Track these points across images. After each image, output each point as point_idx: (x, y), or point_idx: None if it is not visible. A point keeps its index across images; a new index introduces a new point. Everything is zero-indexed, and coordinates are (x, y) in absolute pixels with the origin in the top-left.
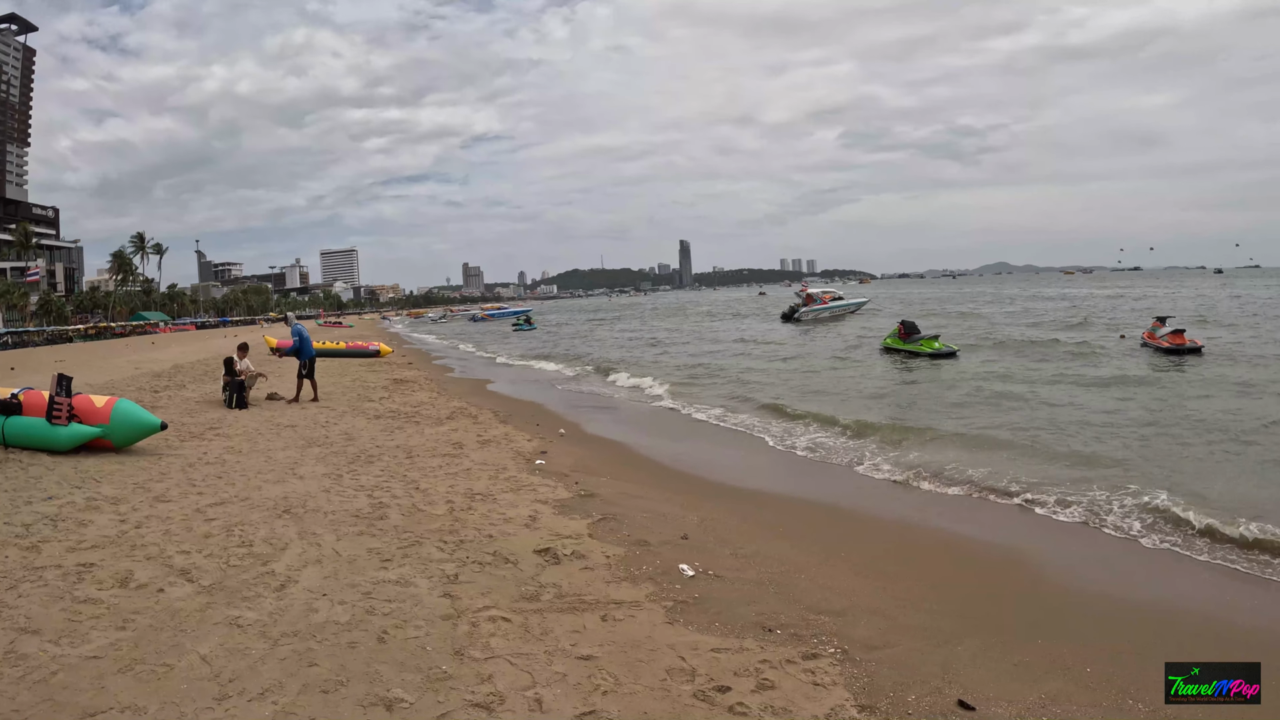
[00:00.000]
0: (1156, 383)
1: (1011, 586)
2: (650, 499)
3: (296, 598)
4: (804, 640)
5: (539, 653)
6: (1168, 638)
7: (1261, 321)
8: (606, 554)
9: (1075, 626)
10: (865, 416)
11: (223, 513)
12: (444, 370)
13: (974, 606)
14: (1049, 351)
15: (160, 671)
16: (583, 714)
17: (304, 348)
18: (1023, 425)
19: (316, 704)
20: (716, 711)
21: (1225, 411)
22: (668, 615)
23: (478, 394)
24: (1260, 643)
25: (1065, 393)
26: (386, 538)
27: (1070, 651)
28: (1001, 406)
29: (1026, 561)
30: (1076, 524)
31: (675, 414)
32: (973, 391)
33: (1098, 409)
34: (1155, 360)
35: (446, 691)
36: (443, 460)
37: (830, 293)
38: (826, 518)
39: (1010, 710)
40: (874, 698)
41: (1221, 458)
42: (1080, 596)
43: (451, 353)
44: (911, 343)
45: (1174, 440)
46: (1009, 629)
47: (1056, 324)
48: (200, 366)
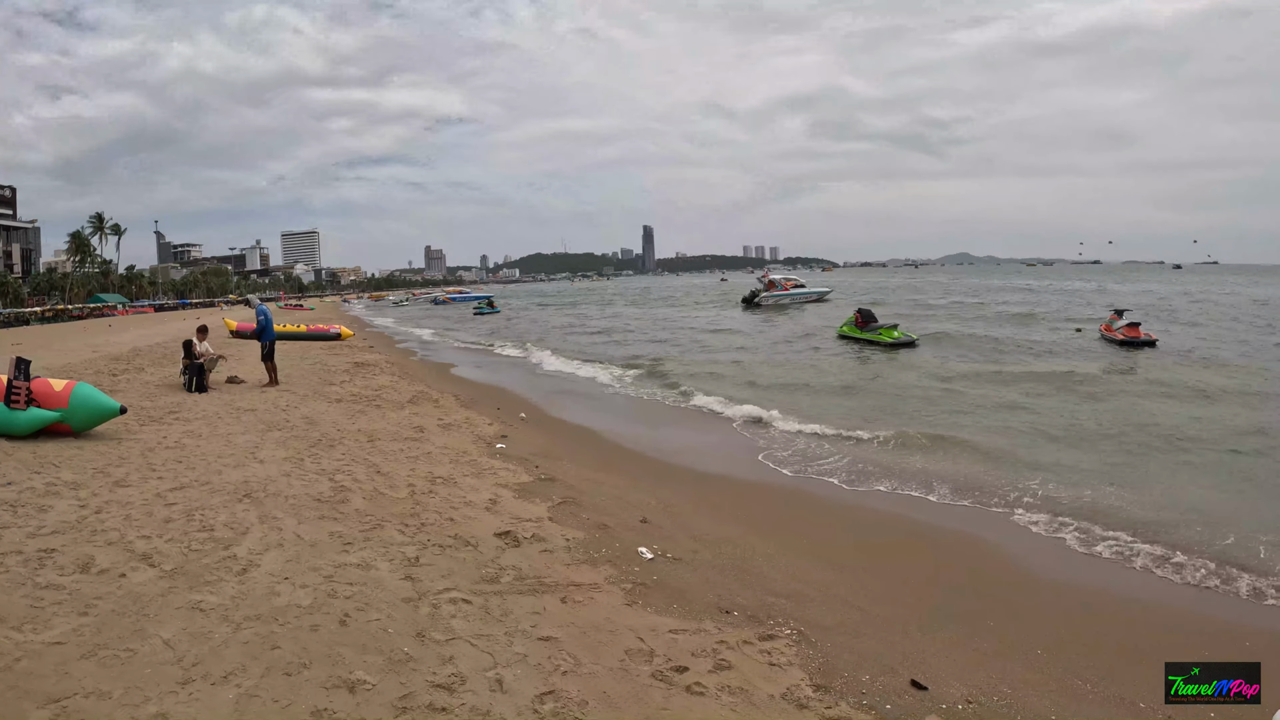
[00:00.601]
0: (1107, 382)
1: (965, 574)
2: (610, 483)
3: (258, 581)
4: (761, 622)
5: (499, 634)
6: (1112, 624)
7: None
8: (566, 537)
9: (1026, 612)
10: (821, 407)
11: (183, 497)
12: (406, 354)
13: (928, 591)
14: (1007, 345)
15: (124, 656)
16: (543, 694)
17: (266, 330)
18: (978, 420)
19: (279, 686)
20: (674, 691)
21: (1179, 416)
22: (627, 597)
23: (439, 378)
24: (1200, 630)
25: (1020, 390)
26: (348, 521)
27: (1021, 635)
28: (956, 402)
29: (979, 550)
30: (1028, 518)
31: (636, 400)
32: (929, 384)
33: (1052, 407)
34: (1109, 353)
35: (408, 673)
36: (404, 444)
37: (792, 280)
38: (785, 503)
39: (962, 690)
40: (829, 678)
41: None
42: (1031, 584)
43: (413, 336)
44: (870, 331)
45: (1121, 445)
46: (962, 613)
47: (1014, 318)
48: (159, 349)
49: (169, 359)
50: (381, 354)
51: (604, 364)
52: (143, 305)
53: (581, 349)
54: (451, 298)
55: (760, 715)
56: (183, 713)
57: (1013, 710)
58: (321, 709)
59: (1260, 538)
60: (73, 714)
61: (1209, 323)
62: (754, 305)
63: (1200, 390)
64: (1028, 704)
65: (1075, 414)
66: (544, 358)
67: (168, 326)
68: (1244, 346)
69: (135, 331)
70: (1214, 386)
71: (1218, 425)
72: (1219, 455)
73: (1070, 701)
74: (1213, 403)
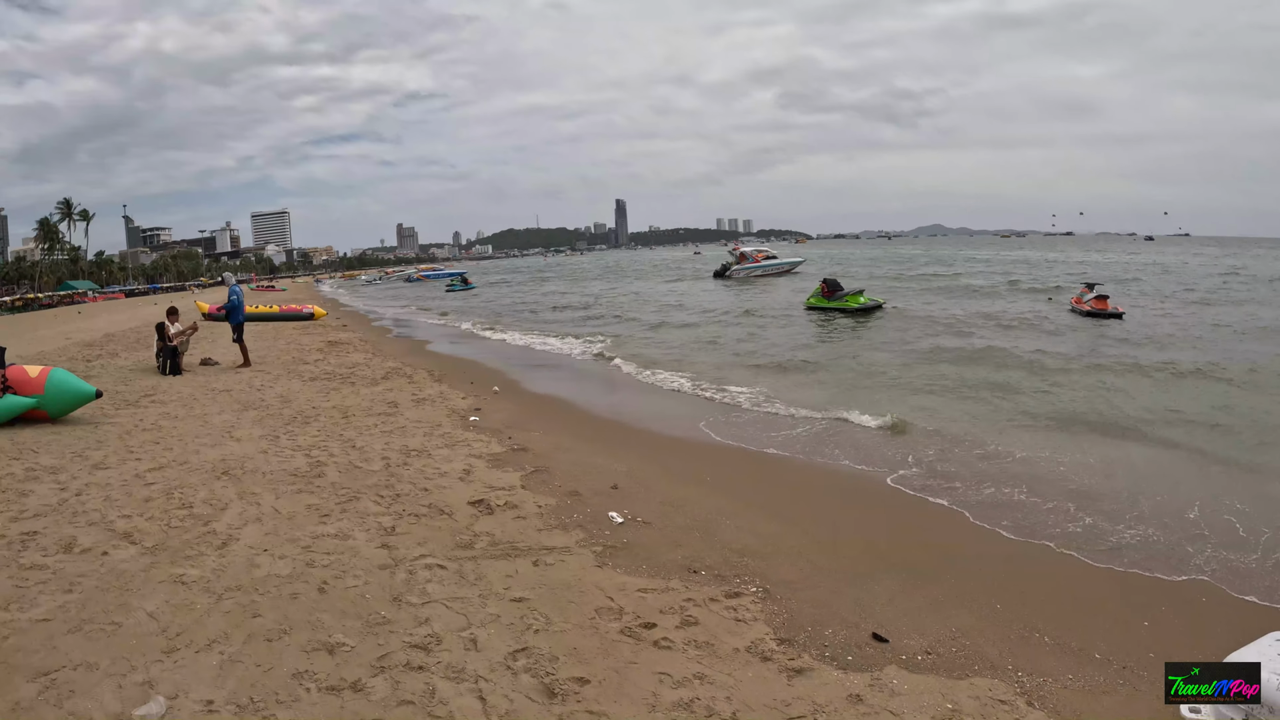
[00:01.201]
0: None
1: (928, 531)
2: (582, 451)
3: (238, 554)
4: (727, 580)
5: (473, 596)
6: (1070, 581)
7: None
8: (539, 504)
9: (987, 568)
10: (790, 373)
11: (162, 477)
12: (379, 332)
13: (892, 549)
14: (976, 312)
15: (109, 629)
16: (515, 651)
17: (236, 311)
18: (942, 383)
19: (261, 652)
20: (642, 646)
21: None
22: (597, 559)
23: (413, 354)
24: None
25: (990, 354)
26: (324, 494)
27: (981, 590)
28: (925, 365)
29: (941, 508)
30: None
31: (607, 371)
32: (885, 355)
33: (1020, 369)
34: (1077, 323)
35: (386, 635)
36: (378, 419)
37: (763, 252)
38: (752, 467)
39: (922, 642)
40: (792, 631)
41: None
42: (993, 541)
43: (387, 314)
44: (836, 300)
45: (1061, 412)
46: (924, 569)
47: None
48: (132, 334)
49: (142, 343)
50: (355, 332)
51: (577, 338)
52: (114, 291)
53: (554, 324)
54: (426, 275)
55: (725, 667)
56: (168, 679)
57: (970, 660)
58: (302, 671)
59: (1199, 503)
60: (62, 685)
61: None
62: (726, 277)
63: (1149, 366)
64: (985, 654)
65: (1024, 381)
66: (516, 334)
67: (139, 312)
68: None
69: (107, 318)
70: (1171, 362)
71: (1174, 397)
72: (1168, 428)
73: (1028, 652)
74: (1174, 378)
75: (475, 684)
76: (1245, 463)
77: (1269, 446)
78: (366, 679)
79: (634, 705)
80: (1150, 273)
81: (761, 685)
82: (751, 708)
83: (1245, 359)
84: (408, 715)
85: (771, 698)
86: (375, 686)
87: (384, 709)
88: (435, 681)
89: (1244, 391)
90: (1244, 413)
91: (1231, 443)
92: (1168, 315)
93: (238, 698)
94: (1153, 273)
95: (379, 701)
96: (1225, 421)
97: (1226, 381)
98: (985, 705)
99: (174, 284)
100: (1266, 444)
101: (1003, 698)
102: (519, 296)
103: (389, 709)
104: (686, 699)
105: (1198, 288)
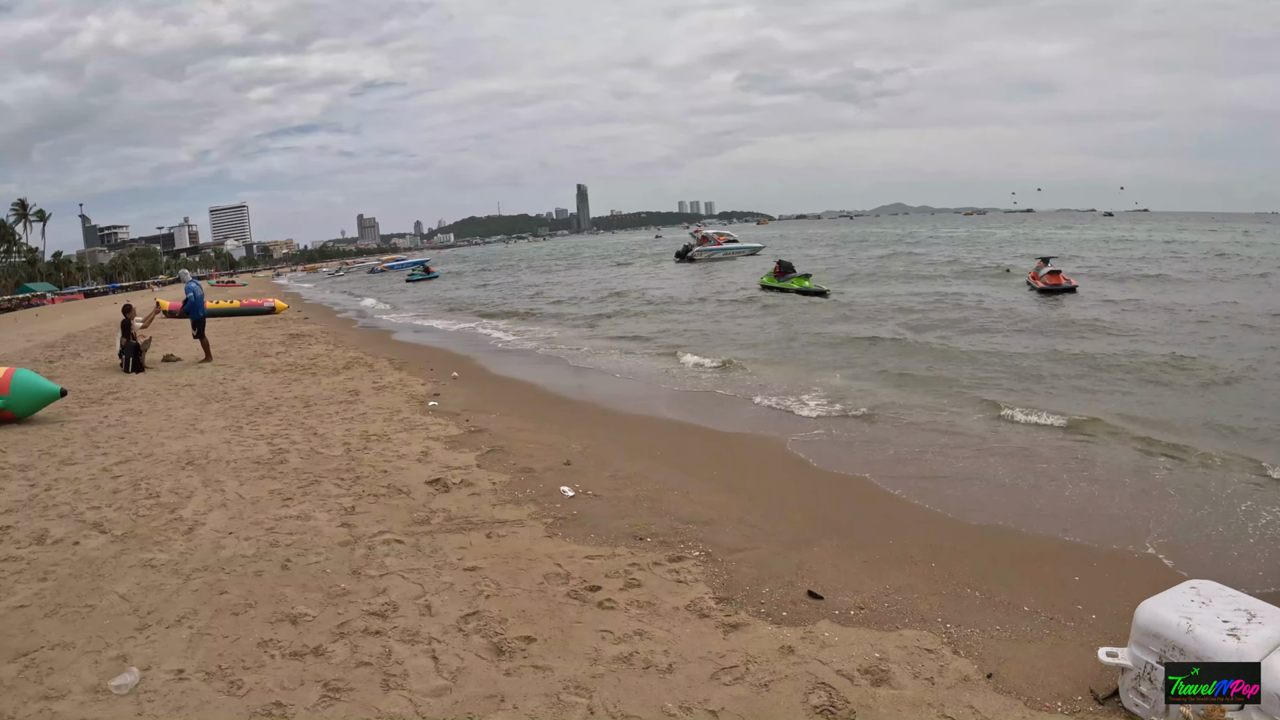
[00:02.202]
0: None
1: (866, 497)
2: (537, 431)
3: (204, 538)
4: (672, 546)
5: (429, 567)
6: (1006, 544)
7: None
8: (493, 481)
9: (923, 529)
10: (734, 351)
11: (128, 470)
12: (340, 323)
13: (831, 514)
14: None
15: (84, 612)
16: (467, 615)
17: (195, 307)
18: (881, 355)
19: (228, 625)
20: (587, 607)
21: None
22: (547, 530)
23: (374, 344)
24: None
25: (932, 331)
26: (287, 479)
27: (918, 550)
28: (867, 341)
29: (879, 474)
30: (924, 437)
31: (563, 356)
32: (838, 327)
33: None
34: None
35: (345, 605)
36: (339, 407)
37: (725, 235)
38: (700, 441)
39: (856, 599)
40: (731, 591)
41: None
42: (937, 509)
43: (349, 306)
44: (785, 280)
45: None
46: (861, 532)
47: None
48: (94, 334)
49: (104, 343)
50: (317, 325)
51: (537, 321)
52: (73, 292)
53: (513, 309)
54: (389, 266)
55: (664, 624)
56: (141, 653)
57: (901, 614)
58: (267, 639)
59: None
60: (41, 664)
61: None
62: (687, 260)
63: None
64: (916, 609)
65: (953, 343)
66: (477, 321)
67: (99, 311)
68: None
69: (68, 319)
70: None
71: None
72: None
73: (958, 607)
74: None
75: (429, 645)
76: (1175, 426)
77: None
78: (327, 644)
79: (577, 660)
80: (1105, 249)
81: (698, 639)
82: (687, 660)
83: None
84: (366, 675)
85: (707, 650)
86: (335, 651)
87: (344, 670)
88: (391, 644)
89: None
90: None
91: (1162, 409)
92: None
93: (206, 666)
94: (1109, 249)
95: (339, 664)
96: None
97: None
98: (912, 654)
99: (133, 283)
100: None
101: (929, 647)
102: (479, 282)
103: (348, 670)
104: (626, 653)
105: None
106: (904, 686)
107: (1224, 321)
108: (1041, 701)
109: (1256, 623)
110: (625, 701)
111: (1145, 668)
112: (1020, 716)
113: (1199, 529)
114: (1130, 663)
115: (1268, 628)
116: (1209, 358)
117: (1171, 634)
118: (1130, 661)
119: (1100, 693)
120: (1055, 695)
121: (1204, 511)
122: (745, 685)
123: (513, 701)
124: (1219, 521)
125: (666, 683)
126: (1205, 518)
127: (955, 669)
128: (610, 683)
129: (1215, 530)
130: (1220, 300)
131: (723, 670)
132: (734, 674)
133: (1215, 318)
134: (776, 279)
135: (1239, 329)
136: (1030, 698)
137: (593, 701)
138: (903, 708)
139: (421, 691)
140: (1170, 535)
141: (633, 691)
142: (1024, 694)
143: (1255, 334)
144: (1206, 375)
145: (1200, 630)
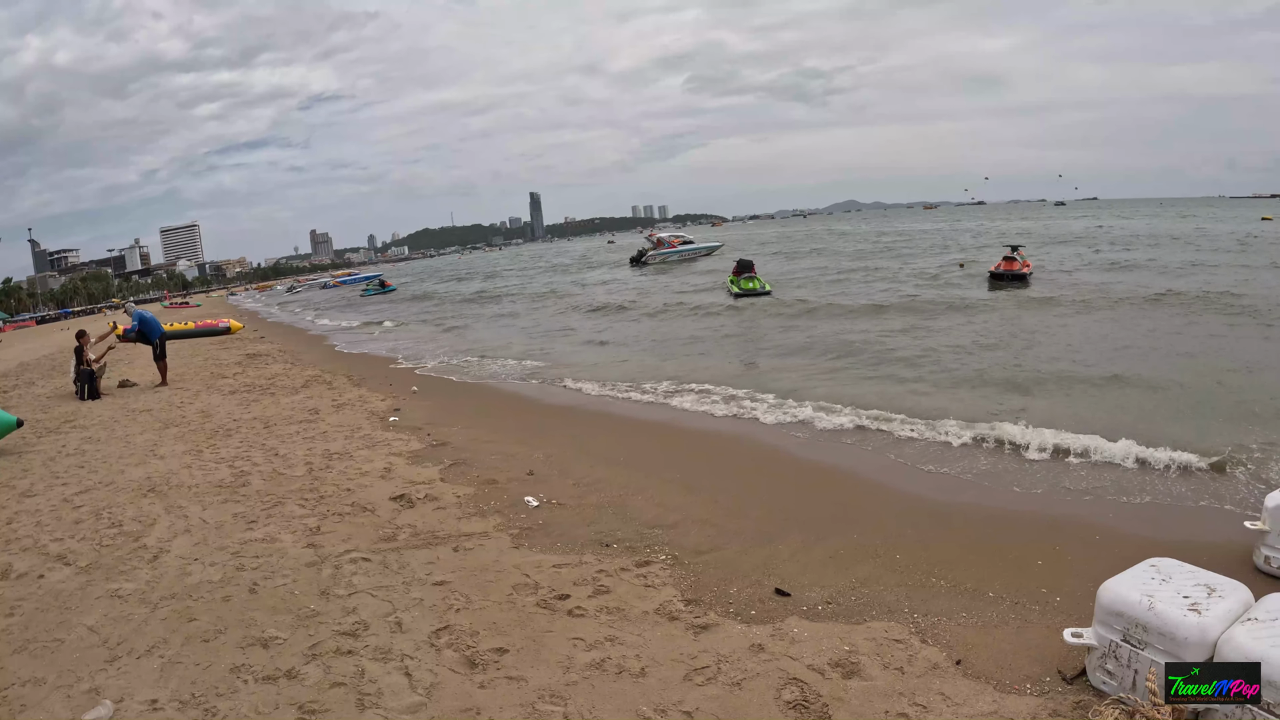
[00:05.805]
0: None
1: (829, 492)
2: (499, 442)
3: (170, 565)
4: (638, 551)
5: (397, 584)
6: (966, 525)
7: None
8: (457, 494)
9: (890, 524)
10: (691, 354)
11: (89, 499)
12: (298, 341)
13: (795, 511)
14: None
15: (52, 646)
16: (438, 630)
17: (150, 329)
18: (835, 352)
19: (199, 652)
20: (557, 616)
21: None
22: (514, 541)
23: (331, 360)
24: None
25: (876, 323)
26: (250, 502)
27: (882, 543)
28: (824, 337)
29: (842, 469)
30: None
31: (522, 366)
32: (788, 326)
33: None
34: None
35: (316, 626)
36: (300, 426)
37: (679, 237)
38: (662, 445)
39: (823, 594)
40: (699, 593)
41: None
42: (894, 495)
43: (304, 323)
44: (740, 279)
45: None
46: (825, 528)
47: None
48: (47, 362)
49: (58, 370)
50: (274, 344)
51: (490, 325)
52: (24, 319)
53: (468, 321)
54: (341, 280)
55: (635, 629)
56: (114, 685)
57: (869, 607)
58: (239, 665)
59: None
60: (13, 701)
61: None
62: (641, 264)
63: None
64: (883, 600)
65: (900, 337)
66: (436, 332)
67: (52, 339)
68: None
69: (20, 347)
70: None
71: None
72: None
73: (925, 596)
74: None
75: (401, 662)
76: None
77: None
78: (300, 666)
79: (550, 668)
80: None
81: (669, 642)
82: (660, 662)
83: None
84: (340, 695)
85: (679, 652)
86: (308, 673)
87: (318, 691)
88: (364, 663)
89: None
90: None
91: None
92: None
93: (180, 695)
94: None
95: (313, 686)
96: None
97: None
98: (881, 645)
99: (85, 307)
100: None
101: (898, 637)
102: (435, 295)
103: (322, 691)
104: (599, 659)
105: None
106: (874, 678)
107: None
108: (1011, 684)
109: (1217, 596)
110: (600, 707)
111: (1110, 645)
112: (990, 700)
113: (1153, 508)
114: (1095, 642)
115: (1228, 600)
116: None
117: (1134, 611)
118: (1095, 641)
119: (1068, 672)
120: (1024, 678)
121: (1157, 491)
122: (718, 685)
123: (488, 713)
124: (1171, 500)
125: (640, 686)
126: (1158, 497)
127: (924, 657)
128: (584, 690)
129: (1168, 509)
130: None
131: (695, 671)
132: (706, 674)
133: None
134: (733, 277)
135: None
136: (999, 681)
137: (568, 709)
138: (874, 698)
139: (397, 709)
140: (1125, 515)
141: (607, 697)
142: (993, 678)
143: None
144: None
145: (1161, 606)
